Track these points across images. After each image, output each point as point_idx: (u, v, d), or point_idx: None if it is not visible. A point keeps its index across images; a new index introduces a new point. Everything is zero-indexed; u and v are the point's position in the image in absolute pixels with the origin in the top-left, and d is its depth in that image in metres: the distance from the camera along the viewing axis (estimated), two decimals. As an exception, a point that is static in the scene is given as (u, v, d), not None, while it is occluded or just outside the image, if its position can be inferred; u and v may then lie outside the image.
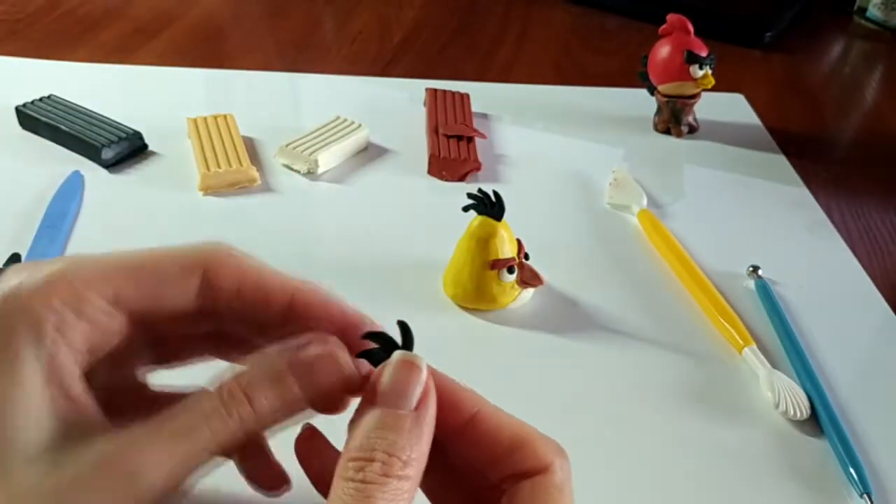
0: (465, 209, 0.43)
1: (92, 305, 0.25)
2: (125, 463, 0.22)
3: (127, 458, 0.23)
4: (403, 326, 0.25)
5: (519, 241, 0.44)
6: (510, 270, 0.43)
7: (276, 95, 0.67)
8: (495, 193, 0.43)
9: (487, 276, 0.43)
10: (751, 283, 0.48)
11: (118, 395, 0.26)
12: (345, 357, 0.25)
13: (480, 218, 0.43)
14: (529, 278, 0.44)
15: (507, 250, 0.43)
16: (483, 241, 0.43)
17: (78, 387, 0.24)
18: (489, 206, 0.43)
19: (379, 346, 0.25)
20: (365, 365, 0.25)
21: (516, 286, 0.44)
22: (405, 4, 0.89)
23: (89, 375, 0.25)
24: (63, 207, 0.50)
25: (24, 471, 0.22)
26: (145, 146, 0.57)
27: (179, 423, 0.23)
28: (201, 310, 0.27)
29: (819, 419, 0.38)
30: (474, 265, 0.43)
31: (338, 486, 0.22)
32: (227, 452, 0.25)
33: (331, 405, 0.26)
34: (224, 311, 0.27)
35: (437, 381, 0.25)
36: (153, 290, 0.26)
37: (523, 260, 0.44)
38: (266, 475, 0.29)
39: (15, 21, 0.77)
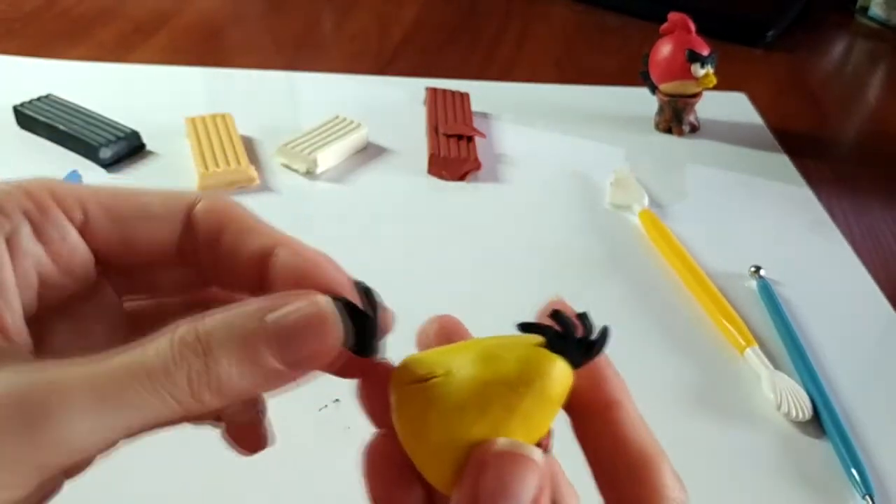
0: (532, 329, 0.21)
1: (55, 225, 0.21)
2: (29, 395, 0.17)
3: (33, 390, 0.17)
4: (364, 288, 0.21)
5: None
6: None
7: (274, 94, 0.67)
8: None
9: None
10: (753, 284, 0.47)
11: (65, 340, 0.21)
12: (334, 317, 0.20)
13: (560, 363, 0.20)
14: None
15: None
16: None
17: (13, 312, 0.19)
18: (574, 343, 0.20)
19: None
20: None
21: None
22: (405, 3, 0.88)
23: (37, 310, 0.21)
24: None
25: None
26: (143, 146, 0.57)
27: (113, 372, 0.18)
28: (181, 256, 0.22)
29: (821, 420, 0.38)
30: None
31: None
32: (177, 421, 0.19)
33: (318, 370, 0.20)
34: (203, 260, 0.22)
35: None
36: (130, 220, 0.22)
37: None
38: (247, 437, 0.25)
39: (12, 20, 0.77)
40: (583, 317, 0.20)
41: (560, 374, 0.19)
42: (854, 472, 0.35)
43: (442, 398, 0.19)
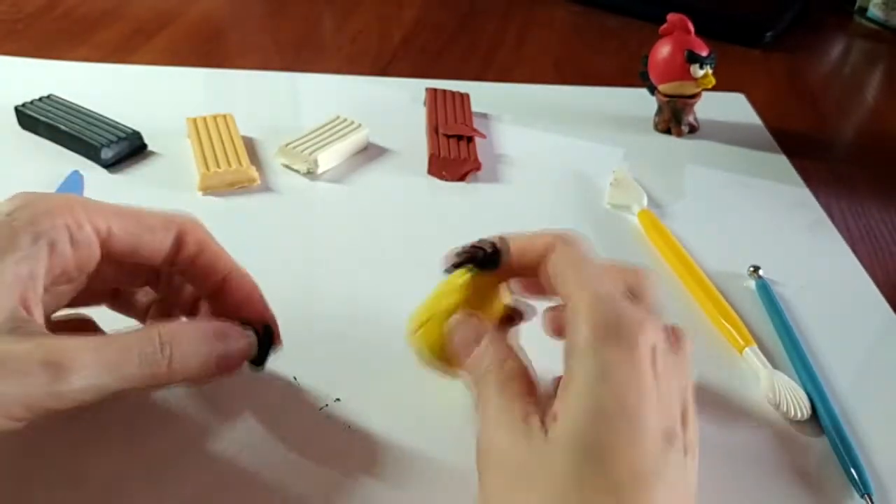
0: (461, 264, 0.34)
1: (86, 237, 0.29)
2: (54, 356, 0.26)
3: (57, 353, 0.26)
4: (266, 328, 0.35)
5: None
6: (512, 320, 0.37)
7: (275, 95, 0.67)
8: (494, 240, 0.34)
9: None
10: (751, 283, 0.47)
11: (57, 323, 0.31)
12: (253, 342, 0.33)
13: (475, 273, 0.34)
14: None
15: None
16: (484, 302, 0.34)
17: (34, 296, 0.28)
18: (491, 255, 0.34)
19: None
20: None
21: None
22: (405, 4, 0.88)
23: (47, 295, 0.29)
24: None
25: None
26: (144, 146, 0.57)
27: (114, 345, 0.28)
28: (166, 263, 0.33)
29: (820, 419, 0.38)
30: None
31: None
32: (148, 387, 0.29)
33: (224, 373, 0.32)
34: (181, 269, 0.34)
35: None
36: (139, 235, 0.31)
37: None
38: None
39: (14, 21, 0.77)
40: (483, 242, 0.34)
41: (481, 277, 0.34)
42: (853, 471, 0.35)
43: (428, 334, 0.34)
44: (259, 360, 0.34)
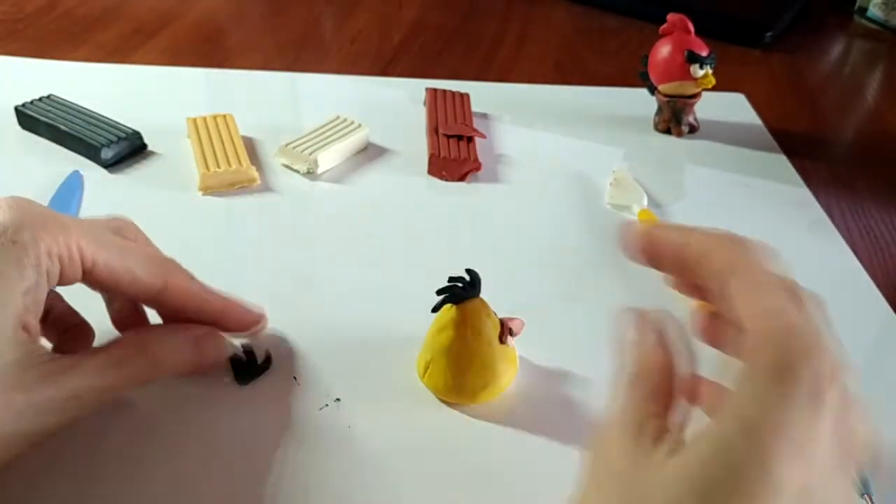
0: (442, 304, 0.37)
1: (75, 269, 0.32)
2: (70, 393, 0.30)
3: (72, 390, 0.31)
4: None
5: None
6: (511, 332, 0.39)
7: (275, 95, 0.67)
8: (469, 272, 0.37)
9: (494, 355, 0.37)
10: (751, 283, 0.47)
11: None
12: (226, 344, 0.38)
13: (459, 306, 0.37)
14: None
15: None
16: (475, 329, 0.37)
17: (35, 320, 0.31)
18: (467, 288, 0.37)
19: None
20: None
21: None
22: (405, 4, 0.89)
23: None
24: (62, 207, 0.50)
25: None
26: (145, 146, 0.57)
27: (109, 366, 0.32)
28: (146, 303, 0.36)
29: (820, 419, 0.38)
30: (473, 353, 0.37)
31: None
32: (134, 386, 0.34)
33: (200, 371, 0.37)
34: (165, 314, 0.37)
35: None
36: (121, 277, 0.33)
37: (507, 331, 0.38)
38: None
39: (14, 21, 0.77)
40: (469, 272, 0.37)
41: (464, 308, 0.37)
42: (852, 470, 0.35)
43: (435, 373, 0.38)
44: (246, 379, 0.38)
